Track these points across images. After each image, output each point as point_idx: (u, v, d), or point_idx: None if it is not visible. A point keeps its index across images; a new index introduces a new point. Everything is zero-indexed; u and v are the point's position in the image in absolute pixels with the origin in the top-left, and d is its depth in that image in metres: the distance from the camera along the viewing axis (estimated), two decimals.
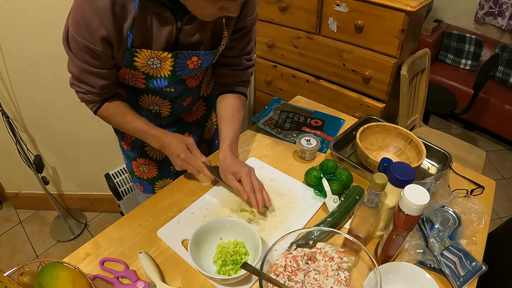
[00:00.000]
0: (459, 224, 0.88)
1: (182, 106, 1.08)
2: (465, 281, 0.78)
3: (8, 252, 2.03)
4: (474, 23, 3.25)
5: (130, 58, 0.82)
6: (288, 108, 1.34)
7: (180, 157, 0.93)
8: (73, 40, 0.78)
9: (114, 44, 0.79)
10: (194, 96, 1.09)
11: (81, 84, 0.87)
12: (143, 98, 1.00)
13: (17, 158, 1.78)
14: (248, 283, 0.78)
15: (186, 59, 0.88)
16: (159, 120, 1.09)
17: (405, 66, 1.78)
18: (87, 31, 0.75)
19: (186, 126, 1.17)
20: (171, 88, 0.98)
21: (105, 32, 0.75)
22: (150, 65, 0.85)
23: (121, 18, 0.75)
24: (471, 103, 2.40)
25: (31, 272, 0.70)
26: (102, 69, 0.83)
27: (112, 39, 0.77)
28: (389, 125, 1.12)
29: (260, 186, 0.93)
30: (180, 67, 0.89)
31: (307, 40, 2.01)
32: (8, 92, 1.69)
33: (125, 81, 0.93)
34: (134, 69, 0.86)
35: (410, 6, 1.59)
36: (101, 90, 0.88)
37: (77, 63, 0.82)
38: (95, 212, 2.25)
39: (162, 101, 1.02)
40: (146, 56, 0.83)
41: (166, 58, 0.84)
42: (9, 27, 1.50)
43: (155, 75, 0.89)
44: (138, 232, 0.89)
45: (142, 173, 1.20)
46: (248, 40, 0.98)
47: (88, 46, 0.77)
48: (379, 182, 0.70)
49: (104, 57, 0.81)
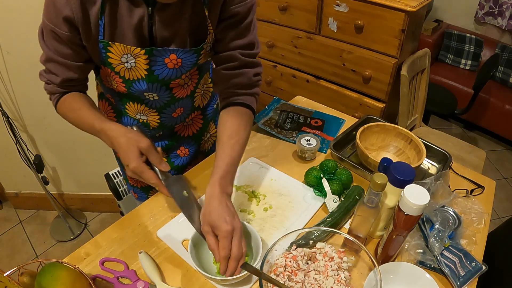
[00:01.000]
0: (459, 224, 0.88)
1: (172, 117, 0.99)
2: (465, 281, 0.78)
3: (8, 252, 2.03)
4: (474, 23, 3.25)
5: (104, 54, 0.78)
6: (288, 108, 1.33)
7: (130, 167, 0.72)
8: (43, 26, 0.75)
9: (81, 29, 0.74)
10: (187, 107, 1.00)
11: (47, 73, 0.83)
12: (128, 106, 0.94)
13: (17, 158, 1.78)
14: (248, 283, 0.78)
15: (163, 56, 0.80)
16: (149, 132, 1.02)
17: (405, 66, 1.78)
18: (53, 12, 0.72)
19: (181, 140, 1.10)
20: (154, 95, 0.89)
21: (69, 12, 0.71)
22: (125, 63, 0.79)
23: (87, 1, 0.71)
24: (471, 103, 2.40)
25: (31, 272, 0.70)
26: (70, 60, 0.79)
27: (77, 23, 0.72)
28: (389, 125, 1.12)
29: (239, 254, 0.71)
30: (157, 66, 0.81)
31: (307, 40, 2.01)
32: (8, 92, 1.69)
33: (108, 84, 0.88)
34: (110, 67, 0.80)
35: (410, 6, 1.59)
36: (64, 82, 0.83)
37: (46, 51, 0.79)
38: (95, 212, 2.25)
39: (148, 110, 0.95)
40: (119, 51, 0.77)
41: (139, 54, 0.78)
42: (9, 27, 1.50)
43: (131, 78, 0.82)
44: (138, 232, 0.89)
45: (135, 182, 1.14)
46: (242, 31, 0.84)
47: (53, 30, 0.73)
48: (379, 182, 0.70)
49: (71, 44, 0.76)
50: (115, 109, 1.01)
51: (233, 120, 0.85)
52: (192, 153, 1.14)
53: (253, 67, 0.89)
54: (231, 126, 0.84)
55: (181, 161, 1.12)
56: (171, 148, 1.10)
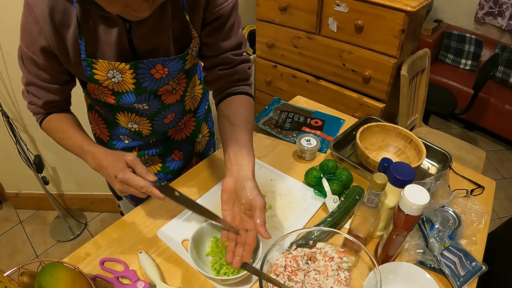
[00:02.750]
0: (459, 224, 0.88)
1: (164, 123, 0.99)
2: (465, 281, 0.78)
3: (8, 252, 2.03)
4: (474, 23, 3.25)
5: (90, 71, 0.76)
6: (288, 108, 1.34)
7: (118, 178, 0.73)
8: (21, 51, 0.75)
9: (59, 55, 0.73)
10: (178, 112, 1.00)
11: (29, 95, 0.83)
12: (119, 116, 0.94)
13: (17, 158, 1.78)
14: (248, 283, 0.78)
15: (148, 68, 0.79)
16: (142, 139, 1.02)
17: (405, 66, 1.78)
18: (29, 41, 0.71)
19: (175, 144, 1.10)
20: (144, 105, 0.89)
21: (44, 42, 0.70)
22: (111, 78, 0.78)
23: (62, 25, 0.69)
24: (471, 103, 2.41)
25: (31, 272, 0.70)
26: (49, 84, 0.79)
27: (54, 50, 0.72)
28: (389, 125, 1.12)
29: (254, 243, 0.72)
30: (144, 78, 0.80)
31: (307, 40, 2.01)
32: (8, 92, 1.69)
33: (96, 96, 0.87)
34: (97, 83, 0.79)
35: (410, 6, 1.59)
36: (46, 104, 0.83)
37: (25, 74, 0.79)
38: (95, 212, 2.25)
39: (140, 119, 0.94)
40: (104, 68, 0.76)
41: (125, 69, 0.77)
42: (9, 27, 1.50)
43: (120, 90, 0.82)
44: (138, 232, 0.89)
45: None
46: (227, 34, 0.83)
47: (31, 57, 0.73)
48: (379, 182, 0.70)
49: (50, 70, 0.76)
50: (105, 119, 1.00)
51: (240, 108, 0.87)
52: (187, 155, 1.14)
53: (245, 62, 0.90)
54: (244, 112, 0.86)
55: (176, 165, 1.12)
56: (166, 153, 1.09)
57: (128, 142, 1.03)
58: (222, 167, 1.07)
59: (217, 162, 1.10)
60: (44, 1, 0.67)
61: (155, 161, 1.10)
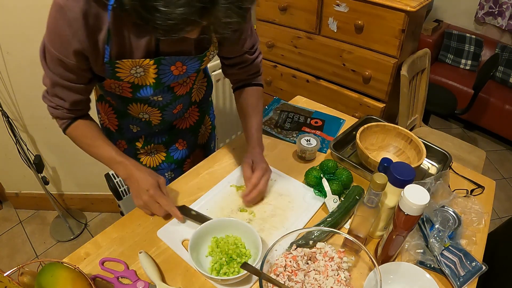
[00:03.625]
0: (459, 224, 0.88)
1: (173, 114, 1.05)
2: (465, 281, 0.78)
3: (8, 252, 2.03)
4: (474, 23, 3.25)
5: (111, 70, 0.79)
6: (288, 108, 1.34)
7: (149, 192, 0.85)
8: (47, 51, 0.76)
9: (90, 57, 0.76)
10: (185, 103, 1.07)
11: (53, 97, 0.84)
12: (131, 107, 0.98)
13: (17, 158, 1.78)
14: (248, 283, 0.78)
15: (169, 65, 0.84)
16: (150, 128, 1.06)
17: (405, 66, 1.78)
18: (60, 43, 0.72)
19: (179, 133, 1.15)
20: (159, 97, 0.95)
21: (78, 45, 0.72)
22: (134, 74, 0.82)
23: (95, 29, 0.72)
24: (471, 103, 2.40)
25: (31, 272, 0.70)
26: (75, 83, 0.81)
27: (87, 52, 0.74)
28: (389, 125, 1.12)
29: (264, 189, 0.94)
30: (164, 74, 0.85)
31: (307, 40, 2.01)
32: (8, 92, 1.69)
33: (112, 90, 0.90)
34: (118, 79, 0.82)
35: (410, 6, 1.59)
36: (72, 106, 0.85)
37: (50, 75, 0.80)
38: (95, 212, 2.25)
39: (151, 110, 0.99)
40: (128, 66, 0.80)
41: (148, 65, 0.81)
42: (9, 27, 1.50)
43: (140, 84, 0.85)
44: (138, 232, 0.89)
45: None
46: (245, 39, 0.95)
47: (61, 58, 0.74)
48: (379, 182, 0.70)
49: (78, 71, 0.78)
50: (116, 110, 1.03)
51: (252, 97, 1.04)
52: (190, 145, 1.19)
53: (258, 57, 1.04)
54: (252, 100, 1.04)
55: (180, 154, 1.17)
56: (170, 141, 1.14)
57: (136, 131, 1.07)
58: (222, 167, 1.08)
59: (217, 162, 1.10)
60: (78, 5, 0.68)
61: (160, 150, 1.15)
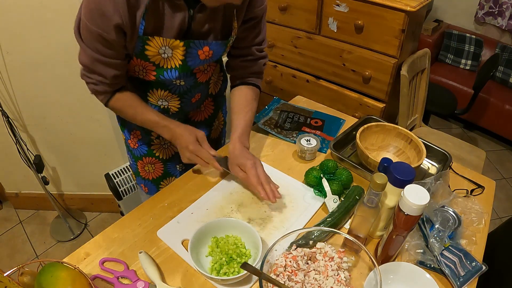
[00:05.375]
0: (459, 224, 0.88)
1: (191, 103, 1.07)
2: (465, 281, 0.78)
3: (8, 252, 2.03)
4: (474, 23, 3.25)
5: (141, 47, 0.83)
6: (288, 108, 1.34)
7: (189, 148, 0.93)
8: (85, 29, 0.78)
9: (128, 32, 0.79)
10: (203, 93, 1.10)
11: (93, 74, 0.87)
12: (152, 93, 1.00)
13: (17, 158, 1.78)
14: (248, 283, 0.78)
15: (197, 48, 0.88)
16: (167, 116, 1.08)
17: (405, 66, 1.78)
18: (101, 19, 0.75)
19: (194, 125, 1.13)
20: (181, 81, 0.97)
21: (119, 20, 0.75)
22: (162, 54, 0.85)
23: (135, 5, 0.76)
24: (471, 103, 2.40)
25: (31, 272, 0.70)
26: (114, 59, 0.84)
27: (126, 27, 0.78)
28: (389, 125, 1.12)
29: (267, 177, 0.92)
30: (191, 57, 0.89)
31: (307, 40, 2.01)
32: (8, 92, 1.69)
33: (135, 73, 0.93)
34: (145, 59, 0.86)
35: (410, 6, 1.59)
36: (113, 80, 0.88)
37: (89, 52, 0.82)
38: (95, 212, 2.25)
39: (171, 96, 1.02)
40: (157, 44, 0.83)
41: (177, 46, 0.85)
42: (9, 27, 1.50)
43: (165, 66, 0.89)
44: (138, 232, 0.89)
45: (147, 173, 1.19)
46: (258, 31, 0.99)
47: (101, 34, 0.77)
48: (379, 182, 0.70)
49: (117, 46, 0.81)
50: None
51: (246, 95, 1.05)
52: None
53: (264, 58, 1.06)
54: (245, 98, 1.04)
55: None
56: None
57: None
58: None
59: None
60: None
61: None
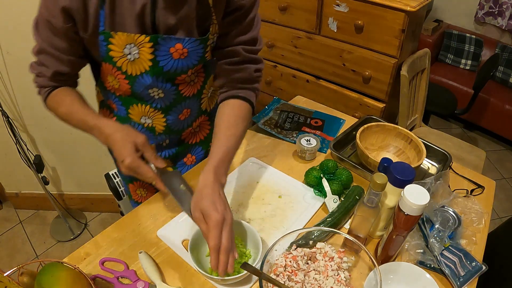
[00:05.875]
0: (459, 224, 0.88)
1: (180, 120, 0.96)
2: (465, 281, 0.78)
3: (8, 252, 2.03)
4: (474, 23, 3.25)
5: (105, 47, 0.75)
6: (288, 108, 1.33)
7: (125, 163, 0.69)
8: (39, 15, 0.73)
9: (78, 21, 0.71)
10: (194, 109, 0.97)
11: (38, 66, 0.80)
12: (132, 109, 0.90)
13: (17, 158, 1.78)
14: (248, 283, 0.78)
15: (168, 45, 0.77)
16: (155, 139, 0.98)
17: (405, 66, 1.78)
18: (51, 1, 0.69)
19: (189, 147, 1.08)
20: (159, 92, 0.85)
21: (67, 2, 0.68)
22: (127, 55, 0.76)
23: None
24: (471, 103, 2.40)
25: (31, 272, 0.70)
26: (62, 53, 0.76)
27: (75, 12, 0.69)
28: (389, 125, 1.12)
29: (228, 245, 0.68)
30: (162, 55, 0.78)
31: (307, 40, 2.01)
32: (8, 92, 1.69)
33: (110, 85, 0.85)
34: (111, 62, 0.77)
35: (410, 6, 1.59)
36: (54, 76, 0.79)
37: (39, 42, 0.76)
38: (95, 212, 2.25)
39: (154, 112, 0.91)
40: (121, 42, 0.74)
41: (143, 42, 0.75)
42: (9, 27, 1.50)
43: (135, 73, 0.79)
44: (138, 232, 0.89)
45: (140, 197, 1.10)
46: (245, 26, 0.84)
47: (49, 20, 0.71)
48: (379, 182, 0.70)
49: (66, 37, 0.73)
50: (117, 116, 0.97)
51: (232, 112, 0.86)
52: (199, 159, 1.11)
53: (255, 63, 0.89)
54: (228, 118, 0.85)
55: (187, 169, 1.09)
56: (179, 155, 1.07)
57: None
58: None
59: None
60: None
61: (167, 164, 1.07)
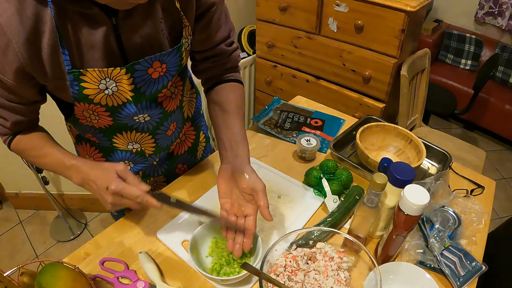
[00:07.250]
0: (459, 224, 0.88)
1: (167, 137, 0.91)
2: (465, 281, 0.78)
3: (8, 252, 2.03)
4: (474, 23, 3.25)
5: (77, 87, 0.66)
6: (288, 108, 1.34)
7: (111, 189, 0.66)
8: None
9: (35, 73, 0.63)
10: (179, 121, 0.93)
11: None
12: (116, 139, 0.84)
13: (17, 158, 1.76)
14: (248, 283, 0.78)
15: (146, 68, 0.70)
16: (145, 161, 0.94)
17: (405, 66, 1.78)
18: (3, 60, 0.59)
19: (179, 158, 1.05)
20: (145, 116, 0.80)
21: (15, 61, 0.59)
22: (104, 90, 0.68)
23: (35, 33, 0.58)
24: (471, 103, 2.40)
25: (31, 272, 0.70)
26: (17, 104, 0.70)
27: (28, 68, 0.61)
28: (389, 125, 1.12)
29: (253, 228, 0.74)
30: (143, 81, 0.72)
31: (307, 40, 2.01)
32: None
33: (87, 121, 0.77)
34: (86, 101, 0.69)
35: (410, 6, 1.59)
36: (14, 125, 0.75)
37: None
38: (95, 212, 2.25)
39: (141, 136, 0.85)
40: (94, 78, 0.66)
41: (120, 75, 0.67)
42: None
43: (116, 104, 0.72)
44: (138, 232, 0.89)
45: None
46: (220, 24, 0.81)
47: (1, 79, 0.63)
48: (379, 182, 0.70)
49: (19, 91, 0.67)
50: (100, 148, 0.91)
51: (235, 91, 0.88)
52: (190, 166, 1.10)
53: (236, 49, 0.89)
54: (234, 96, 0.87)
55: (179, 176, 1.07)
56: (170, 169, 1.06)
57: (130, 168, 0.95)
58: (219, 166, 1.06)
59: (214, 163, 1.10)
60: (10, 8, 0.55)
61: (159, 181, 1.06)
